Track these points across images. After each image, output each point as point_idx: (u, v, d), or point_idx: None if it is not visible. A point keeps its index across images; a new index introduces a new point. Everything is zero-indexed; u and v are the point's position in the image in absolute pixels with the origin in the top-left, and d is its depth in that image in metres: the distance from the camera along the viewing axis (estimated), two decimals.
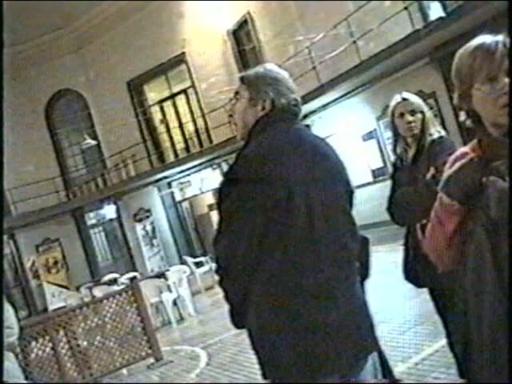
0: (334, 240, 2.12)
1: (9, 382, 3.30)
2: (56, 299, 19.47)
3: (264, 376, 2.13)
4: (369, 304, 2.25)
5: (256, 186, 2.05)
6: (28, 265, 22.26)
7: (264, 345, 2.09)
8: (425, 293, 3.38)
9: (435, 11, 11.95)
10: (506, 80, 1.58)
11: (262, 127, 2.20)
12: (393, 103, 3.27)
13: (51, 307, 18.94)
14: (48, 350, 7.00)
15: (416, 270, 3.15)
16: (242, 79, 2.31)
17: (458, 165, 1.65)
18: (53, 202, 21.78)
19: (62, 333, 7.21)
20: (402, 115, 3.21)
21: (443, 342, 3.75)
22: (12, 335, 3.43)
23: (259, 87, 2.24)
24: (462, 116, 1.69)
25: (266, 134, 2.17)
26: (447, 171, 1.69)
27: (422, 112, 3.21)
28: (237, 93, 2.32)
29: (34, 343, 6.95)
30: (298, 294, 2.04)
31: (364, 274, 3.41)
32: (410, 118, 3.19)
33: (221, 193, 2.15)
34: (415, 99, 3.26)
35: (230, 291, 2.15)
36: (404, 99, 3.24)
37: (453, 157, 1.72)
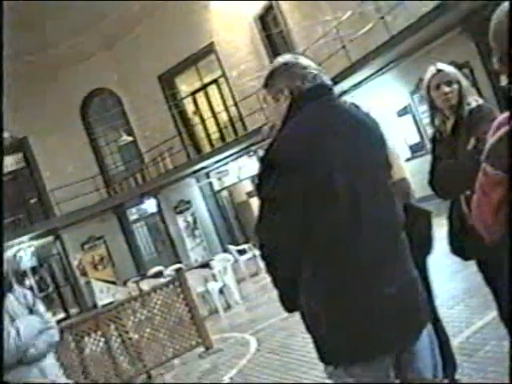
0: (378, 218, 2.09)
1: (50, 377, 3.40)
2: (104, 295, 19.85)
3: (321, 358, 2.13)
4: None
5: (293, 169, 2.03)
6: (75, 263, 22.72)
7: (318, 327, 2.09)
8: (472, 266, 3.33)
9: None
10: None
11: (293, 112, 2.17)
12: (428, 75, 3.20)
13: (100, 303, 19.33)
14: (101, 344, 7.15)
15: (462, 243, 3.10)
16: (264, 86, 2.31)
17: (499, 133, 1.60)
18: (94, 201, 22.14)
19: (113, 327, 7.37)
20: (438, 87, 3.14)
21: (494, 314, 3.70)
22: (56, 334, 3.54)
23: (274, 82, 2.24)
24: (504, 81, 1.62)
25: (298, 116, 2.14)
26: (490, 139, 1.64)
27: (459, 82, 3.14)
28: (264, 99, 2.34)
29: (87, 338, 7.11)
30: (347, 273, 2.04)
31: (428, 248, 3.38)
32: (447, 89, 3.12)
33: (259, 179, 2.14)
34: (450, 69, 3.19)
35: (277, 277, 2.15)
36: (439, 70, 3.17)
37: (495, 123, 1.66)
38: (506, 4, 1.59)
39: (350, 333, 2.04)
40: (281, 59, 2.29)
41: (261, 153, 17.87)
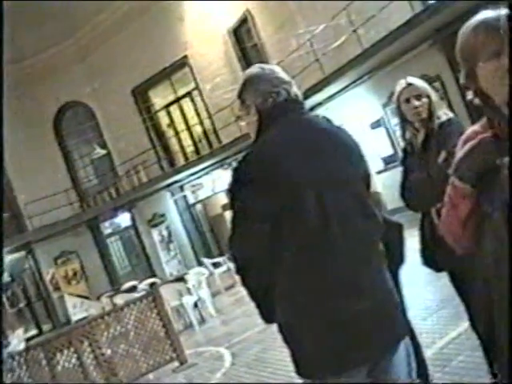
0: (350, 231, 2.09)
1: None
2: (78, 310, 19.58)
3: (297, 371, 2.12)
4: None
5: (263, 183, 2.04)
6: (48, 278, 22.39)
7: (293, 339, 2.09)
8: (445, 277, 3.36)
9: None
10: None
11: (264, 126, 2.19)
12: (398, 89, 3.24)
13: (74, 318, 19.05)
14: (74, 360, 7.05)
15: (434, 255, 3.12)
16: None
17: (467, 147, 1.61)
18: (68, 215, 21.89)
19: (86, 343, 7.26)
20: (408, 100, 3.18)
21: (467, 324, 3.72)
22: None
23: (243, 99, 2.26)
24: (470, 95, 1.64)
25: (267, 132, 2.16)
26: (458, 153, 1.65)
27: (428, 96, 3.18)
28: (238, 117, 2.37)
29: (59, 355, 6.99)
30: (320, 286, 2.04)
31: (399, 260, 3.40)
32: (417, 103, 3.15)
33: (231, 192, 2.14)
34: (420, 83, 3.23)
35: (252, 290, 2.16)
36: (409, 84, 3.21)
37: (463, 137, 1.68)
38: (473, 21, 1.61)
39: (326, 346, 2.03)
40: (248, 73, 2.30)
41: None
